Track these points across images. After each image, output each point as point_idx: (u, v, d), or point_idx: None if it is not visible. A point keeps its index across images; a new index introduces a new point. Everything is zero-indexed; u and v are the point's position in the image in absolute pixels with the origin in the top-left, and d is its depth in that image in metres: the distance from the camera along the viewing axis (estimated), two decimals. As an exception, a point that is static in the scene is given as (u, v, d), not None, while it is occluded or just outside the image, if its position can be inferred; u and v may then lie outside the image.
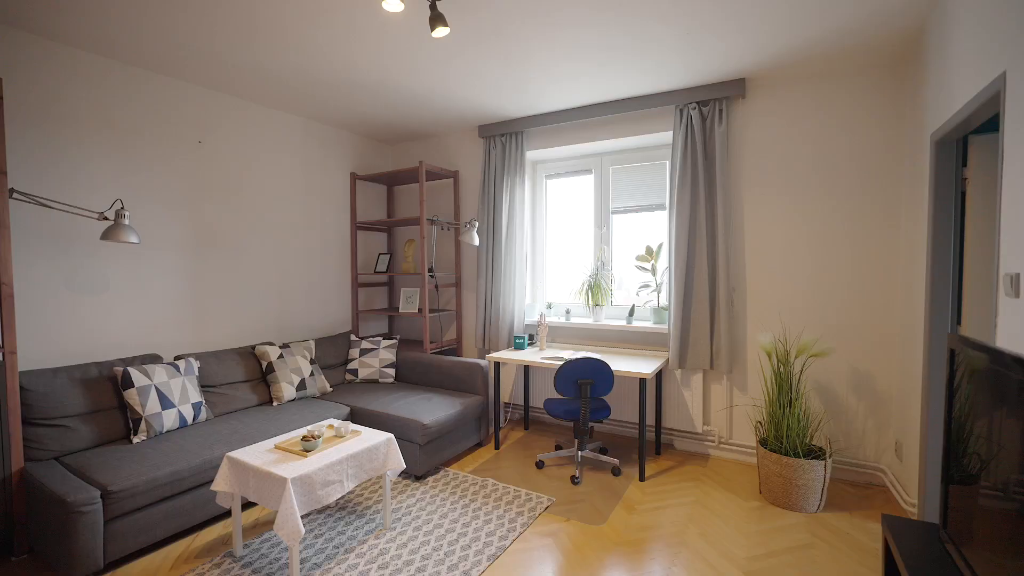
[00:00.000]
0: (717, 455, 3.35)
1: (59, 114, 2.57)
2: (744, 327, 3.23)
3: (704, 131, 3.20)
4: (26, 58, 2.45)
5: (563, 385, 2.92)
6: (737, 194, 3.23)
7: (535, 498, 2.74)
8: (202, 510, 2.37)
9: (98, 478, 2.11)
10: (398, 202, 4.74)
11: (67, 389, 2.44)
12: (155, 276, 2.98)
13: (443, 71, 2.96)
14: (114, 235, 2.45)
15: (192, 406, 2.75)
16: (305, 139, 3.89)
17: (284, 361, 3.31)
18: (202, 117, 3.20)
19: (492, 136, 3.99)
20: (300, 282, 3.88)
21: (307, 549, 2.25)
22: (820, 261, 3.00)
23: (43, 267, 2.53)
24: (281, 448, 2.23)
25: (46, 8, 2.22)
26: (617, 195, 3.86)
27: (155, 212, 2.97)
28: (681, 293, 3.26)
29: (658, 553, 2.24)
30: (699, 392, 3.31)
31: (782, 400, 2.71)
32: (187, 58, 2.75)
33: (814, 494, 2.60)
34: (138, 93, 2.88)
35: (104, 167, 2.74)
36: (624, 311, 3.81)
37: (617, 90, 3.27)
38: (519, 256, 3.89)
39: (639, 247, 3.77)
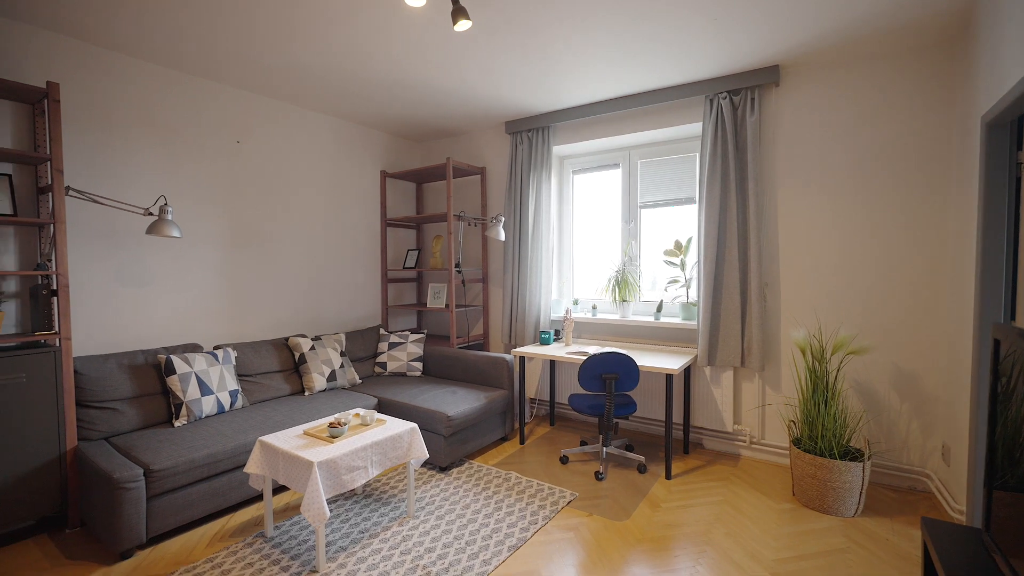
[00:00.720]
0: (748, 455, 3.24)
1: (109, 116, 2.74)
2: (777, 323, 3.11)
3: (735, 121, 3.10)
4: (79, 65, 2.63)
5: (587, 380, 2.90)
6: (770, 186, 3.12)
7: (558, 492, 2.72)
8: (237, 492, 2.48)
9: (142, 458, 2.24)
10: (427, 199, 4.81)
11: (116, 374, 2.60)
12: (195, 270, 3.13)
13: (468, 67, 2.98)
14: (158, 230, 2.59)
15: (229, 393, 2.88)
16: (337, 138, 4.00)
17: (315, 353, 3.42)
18: (240, 118, 3.34)
19: (519, 132, 3.99)
20: (332, 277, 3.99)
21: (333, 533, 2.31)
22: (860, 254, 2.86)
23: (95, 261, 2.70)
24: (309, 434, 2.31)
25: (98, 17, 2.38)
26: (645, 189, 3.79)
27: (196, 209, 3.13)
28: (710, 288, 3.17)
29: (682, 551, 2.19)
30: (729, 390, 3.22)
31: (817, 398, 2.60)
32: (226, 62, 2.88)
33: (851, 497, 2.48)
34: (181, 96, 3.03)
35: (149, 166, 2.90)
36: (652, 307, 3.74)
37: (644, 82, 3.22)
38: (545, 251, 3.88)
39: (667, 242, 3.70)
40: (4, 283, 2.40)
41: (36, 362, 2.25)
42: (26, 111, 2.46)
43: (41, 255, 2.46)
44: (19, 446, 2.20)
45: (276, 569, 2.04)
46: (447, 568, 2.05)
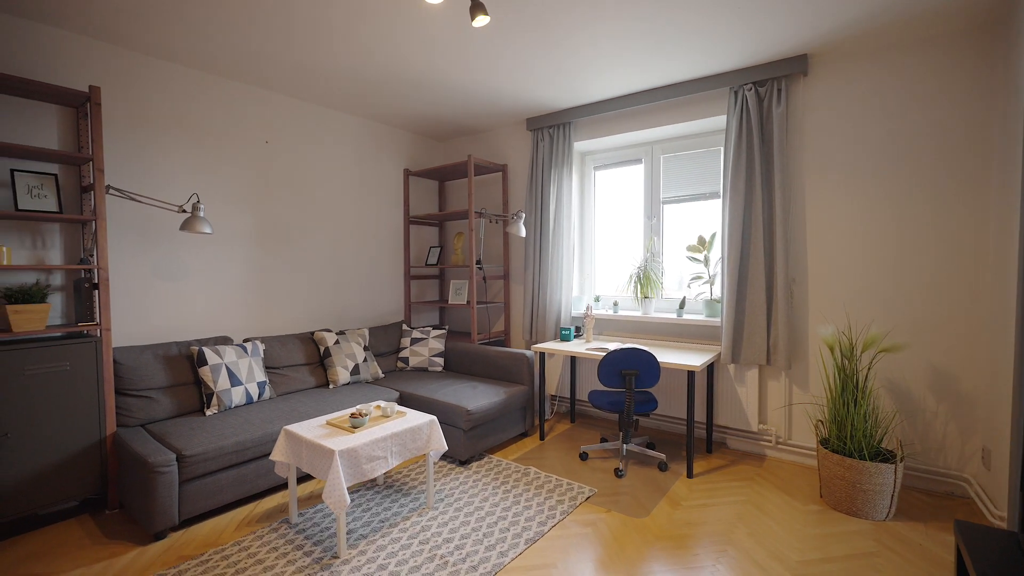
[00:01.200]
0: (774, 456, 3.16)
1: (146, 118, 2.87)
2: (805, 320, 3.02)
3: (761, 113, 3.03)
4: (119, 69, 2.76)
5: (606, 376, 2.88)
6: (797, 179, 3.03)
7: (577, 488, 2.71)
8: (263, 479, 2.56)
9: (175, 444, 2.34)
10: (449, 196, 4.86)
11: (152, 364, 2.72)
12: (226, 265, 3.25)
13: (489, 64, 3.00)
14: (191, 226, 2.70)
15: (257, 385, 2.98)
16: (361, 137, 4.09)
17: (340, 347, 3.50)
18: (269, 119, 3.45)
19: (540, 128, 3.99)
20: (356, 273, 4.08)
21: (355, 521, 2.37)
22: (893, 248, 2.75)
23: (133, 256, 2.83)
24: (332, 424, 2.36)
25: (137, 24, 2.49)
26: (668, 184, 3.74)
27: (227, 207, 3.24)
28: (734, 284, 3.11)
29: (701, 550, 2.16)
30: (754, 388, 3.14)
31: (846, 397, 2.52)
32: (255, 64, 2.98)
33: (882, 500, 2.39)
34: (213, 98, 3.15)
35: (183, 165, 3.03)
36: (674, 304, 3.69)
37: (667, 74, 3.17)
38: (566, 248, 3.87)
39: (691, 237, 3.64)
40: (51, 276, 2.54)
41: (79, 351, 2.38)
42: (71, 114, 2.60)
43: (84, 250, 2.60)
44: (64, 430, 2.33)
45: (299, 554, 2.10)
46: (464, 558, 2.07)
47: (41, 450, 2.27)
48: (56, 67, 2.54)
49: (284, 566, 2.02)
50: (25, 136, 2.45)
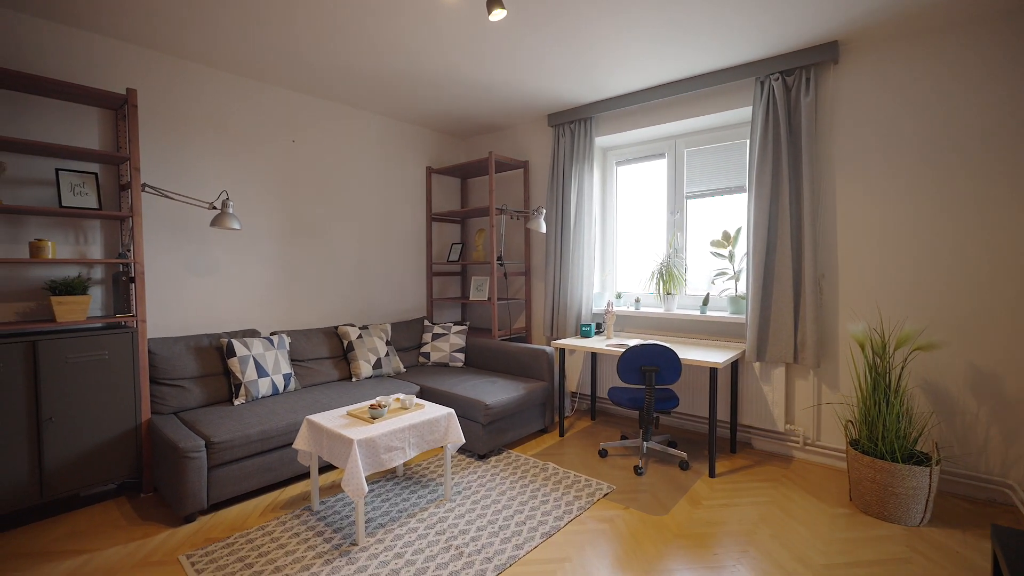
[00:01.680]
0: (802, 457, 3.06)
1: (179, 119, 2.99)
2: (834, 317, 2.92)
3: (788, 103, 2.94)
4: (154, 73, 2.88)
5: (626, 372, 2.84)
6: (827, 170, 2.92)
7: (595, 484, 2.69)
8: (287, 468, 2.64)
9: (204, 431, 2.43)
10: (471, 193, 4.89)
11: (184, 355, 2.83)
12: (254, 261, 3.35)
13: (508, 59, 3.00)
14: (220, 222, 2.80)
15: (283, 376, 3.06)
16: (385, 136, 4.15)
17: (363, 341, 3.57)
18: (295, 119, 3.54)
19: (561, 124, 3.97)
20: (379, 270, 4.15)
21: (374, 511, 2.41)
22: (930, 242, 2.62)
23: (167, 251, 2.96)
24: (352, 415, 2.41)
25: (171, 29, 2.60)
26: (692, 178, 3.66)
27: (255, 205, 3.35)
28: (760, 280, 3.02)
29: (721, 549, 2.11)
30: (781, 388, 3.05)
31: (877, 397, 2.42)
32: (281, 65, 3.06)
33: (915, 504, 2.28)
34: (242, 99, 3.26)
35: (214, 164, 3.14)
36: (698, 301, 3.61)
37: (690, 66, 3.11)
38: (587, 244, 3.84)
39: (715, 233, 3.56)
40: (92, 270, 2.68)
41: (117, 341, 2.50)
42: (110, 116, 2.73)
43: (122, 245, 2.73)
44: (102, 416, 2.45)
45: (320, 540, 2.16)
46: (480, 550, 2.08)
47: (82, 434, 2.39)
48: (95, 71, 2.68)
49: (305, 551, 2.08)
50: (68, 137, 2.59)
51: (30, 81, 2.31)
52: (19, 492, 2.24)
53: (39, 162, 2.51)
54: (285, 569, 1.96)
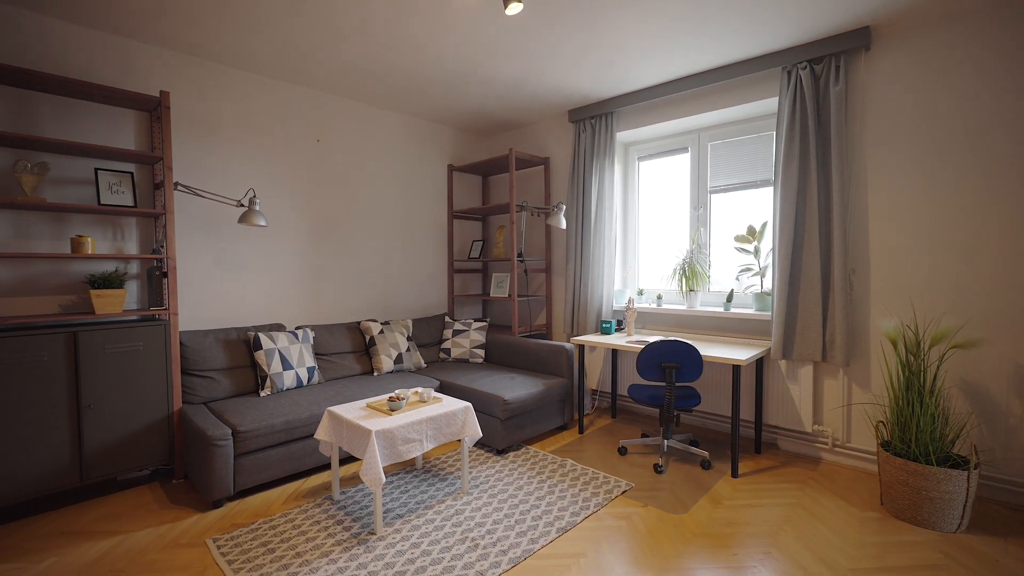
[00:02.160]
0: (831, 459, 2.95)
1: (210, 119, 3.10)
2: (866, 314, 2.81)
3: (816, 93, 2.84)
4: (186, 75, 3.00)
5: (646, 368, 2.80)
6: (858, 161, 2.81)
7: (613, 481, 2.66)
8: (310, 458, 2.70)
9: (231, 420, 2.51)
10: (493, 191, 4.90)
11: (213, 348, 2.94)
12: (281, 257, 3.45)
13: (527, 54, 3.00)
14: (247, 219, 2.89)
15: (307, 369, 3.14)
16: (407, 134, 4.21)
17: (384, 336, 3.62)
18: (320, 118, 3.63)
19: (582, 120, 3.95)
20: (401, 266, 4.21)
21: (392, 502, 2.45)
22: (969, 234, 2.49)
23: (198, 247, 3.07)
24: (371, 407, 2.46)
25: (202, 33, 2.70)
26: (716, 172, 3.58)
27: (281, 203, 3.44)
28: (786, 275, 2.93)
29: (742, 550, 2.05)
30: (808, 387, 2.95)
31: (911, 396, 2.31)
32: (307, 66, 3.14)
33: (952, 510, 2.17)
34: (269, 99, 3.36)
35: (242, 163, 3.25)
36: (721, 297, 3.53)
37: (714, 57, 3.04)
38: (608, 241, 3.80)
39: (740, 228, 3.47)
40: (128, 265, 2.80)
41: (150, 333, 2.61)
42: (145, 118, 2.85)
43: (156, 241, 2.84)
44: (138, 404, 2.56)
45: (339, 528, 2.20)
46: (495, 543, 2.09)
47: (118, 422, 2.51)
48: (131, 75, 2.80)
49: (324, 538, 2.13)
50: (106, 138, 2.72)
51: (72, 85, 2.44)
52: (61, 475, 2.36)
53: (79, 162, 2.64)
54: (305, 555, 2.01)
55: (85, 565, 1.96)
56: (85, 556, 2.02)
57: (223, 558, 1.98)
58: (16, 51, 2.46)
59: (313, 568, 1.92)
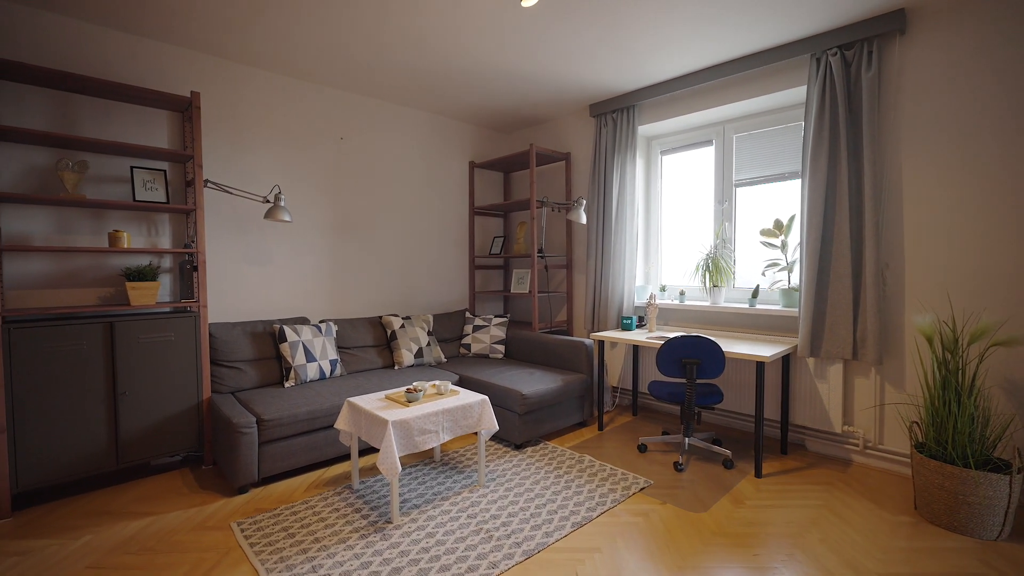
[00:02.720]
0: (861, 461, 2.83)
1: (238, 119, 3.20)
2: (900, 310, 2.68)
3: (847, 80, 2.73)
4: (216, 77, 3.10)
5: (666, 364, 2.75)
6: (892, 151, 2.69)
7: (631, 478, 2.63)
8: (331, 448, 2.76)
9: (256, 409, 2.59)
10: (514, 187, 4.90)
11: (241, 339, 3.03)
12: (305, 253, 3.53)
13: (545, 48, 2.98)
14: (272, 215, 2.98)
15: (330, 362, 3.21)
16: (428, 132, 4.25)
17: (405, 331, 3.67)
18: (343, 116, 3.70)
19: (603, 114, 3.90)
20: (422, 262, 4.25)
21: (409, 492, 2.48)
22: (1014, 226, 2.35)
23: (227, 242, 3.18)
24: (389, 398, 2.49)
25: (232, 36, 2.79)
26: (741, 165, 3.49)
27: (306, 200, 3.53)
28: (814, 270, 2.83)
29: (764, 550, 1.99)
30: (838, 386, 2.84)
31: (947, 396, 2.20)
32: (330, 65, 3.21)
33: (992, 516, 2.06)
34: (294, 99, 3.44)
35: (268, 161, 3.34)
36: (746, 294, 3.44)
37: (739, 45, 2.96)
38: (629, 236, 3.75)
39: (766, 222, 3.37)
40: (162, 259, 2.92)
41: (182, 324, 2.72)
42: (177, 118, 2.97)
43: (187, 236, 2.96)
44: (170, 392, 2.67)
45: (357, 516, 2.24)
46: (509, 535, 2.09)
47: (151, 409, 2.62)
48: (164, 76, 2.92)
49: (343, 525, 2.17)
50: (141, 137, 2.84)
51: (110, 87, 2.56)
52: (98, 458, 2.48)
53: (116, 161, 2.77)
54: (324, 540, 2.05)
55: (119, 543, 2.06)
56: (119, 535, 2.12)
57: (246, 541, 2.05)
58: (59, 55, 2.60)
59: (331, 553, 1.96)
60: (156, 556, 1.96)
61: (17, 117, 2.50)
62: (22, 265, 2.53)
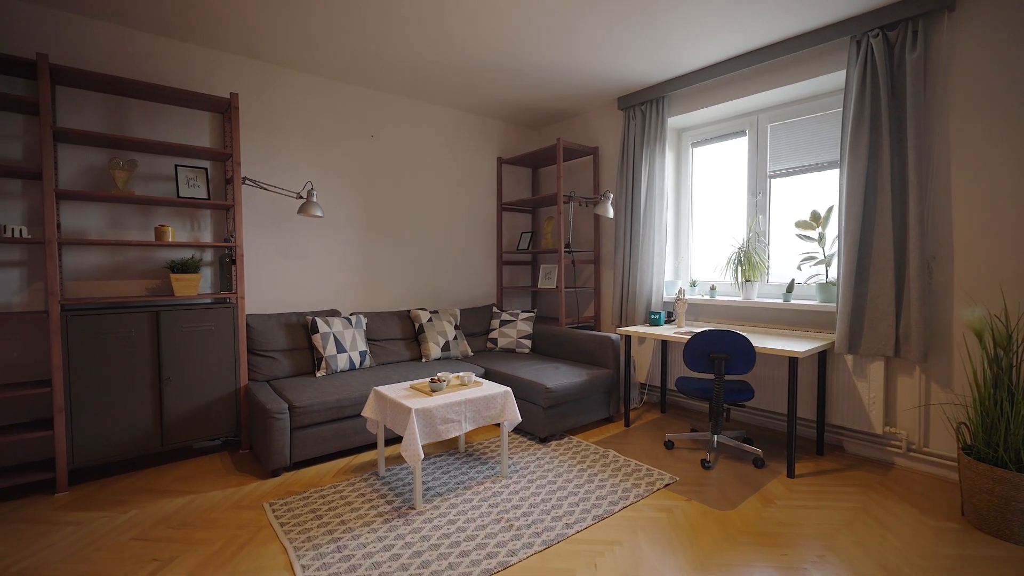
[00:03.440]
0: (905, 465, 2.69)
1: (272, 118, 3.33)
2: (948, 305, 2.53)
3: (890, 62, 2.60)
4: (252, 78, 3.24)
5: (693, 359, 2.69)
6: (939, 137, 2.54)
7: (656, 474, 2.58)
8: (359, 436, 2.84)
9: (289, 396, 2.69)
10: (542, 183, 4.90)
11: (276, 330, 3.16)
12: (337, 248, 3.64)
13: (571, 40, 2.97)
14: (305, 210, 3.08)
15: (359, 353, 3.30)
16: (457, 129, 4.30)
17: (432, 324, 3.73)
18: (373, 115, 3.80)
19: (632, 107, 3.85)
20: (451, 257, 4.31)
21: (433, 481, 2.52)
22: (1077, 214, 2.18)
23: (264, 237, 3.31)
24: (414, 387, 2.54)
25: (266, 39, 2.91)
26: (776, 156, 3.37)
27: (338, 196, 3.64)
28: (853, 263, 2.70)
29: (792, 550, 1.92)
30: (879, 384, 2.70)
31: (999, 395, 2.06)
32: (361, 65, 3.30)
33: (1048, 525, 1.91)
34: (326, 99, 3.56)
35: (302, 159, 3.46)
36: (780, 288, 3.32)
37: (772, 31, 2.86)
38: (658, 230, 3.68)
39: (802, 214, 3.24)
40: (204, 253, 3.08)
41: (221, 315, 2.85)
42: (218, 118, 3.12)
43: (227, 231, 3.10)
44: (210, 379, 2.81)
45: (382, 502, 2.30)
46: (529, 524, 2.09)
47: (193, 394, 2.76)
48: (205, 79, 3.07)
49: (368, 509, 2.23)
50: (185, 137, 3.00)
51: (158, 90, 2.71)
52: (145, 440, 2.64)
53: (162, 160, 2.94)
54: (349, 523, 2.11)
55: (161, 518, 2.18)
56: (162, 510, 2.25)
57: (276, 520, 2.13)
58: (111, 61, 2.78)
59: (355, 535, 2.02)
60: (194, 531, 2.07)
61: (76, 120, 2.69)
62: (78, 257, 2.72)
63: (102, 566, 1.84)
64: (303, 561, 1.85)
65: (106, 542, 2.00)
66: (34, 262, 2.60)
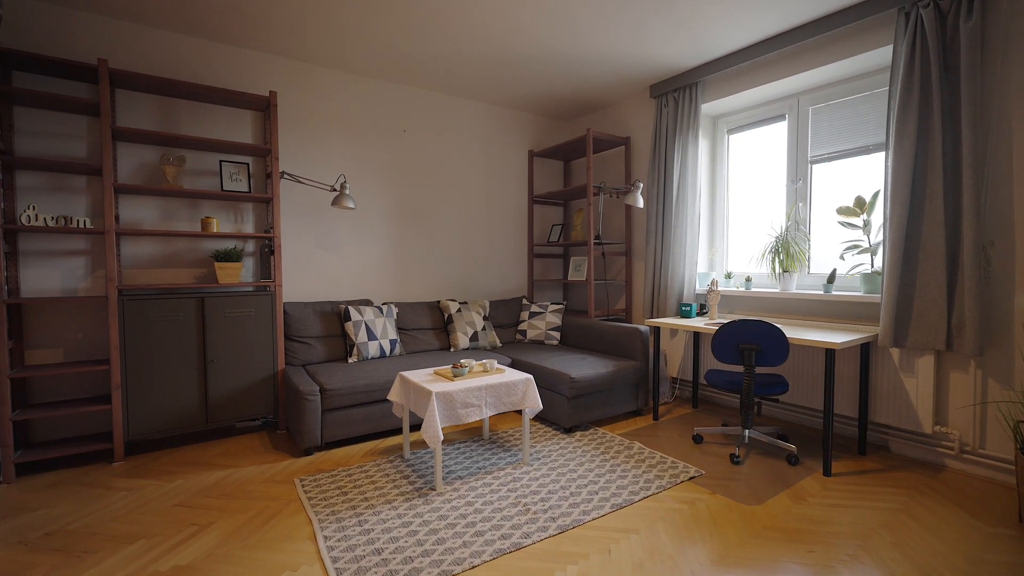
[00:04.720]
0: (957, 467, 2.50)
1: (309, 115, 3.48)
2: (1008, 295, 2.32)
3: (943, 34, 2.41)
4: (289, 77, 3.39)
5: (722, 350, 2.61)
6: (998, 113, 2.33)
7: (682, 467, 2.52)
8: (386, 420, 2.93)
9: (321, 380, 2.81)
10: (574, 175, 4.86)
11: (311, 317, 3.30)
12: (370, 240, 3.76)
13: (608, 30, 2.93)
14: (338, 202, 3.21)
15: (390, 341, 3.40)
16: (487, 122, 4.34)
17: (461, 315, 3.79)
18: (406, 110, 3.89)
19: (664, 94, 3.76)
20: (481, 250, 4.35)
21: (455, 465, 2.56)
22: None
23: (300, 229, 3.47)
24: (437, 373, 2.60)
25: (302, 39, 3.04)
26: (817, 140, 3.20)
27: (370, 189, 3.75)
28: (900, 250, 2.53)
29: (820, 548, 1.83)
30: (928, 380, 2.52)
31: (1062, 392, 1.88)
32: (394, 62, 3.39)
33: (1119, 535, 1.73)
34: (360, 95, 3.67)
35: (337, 153, 3.60)
36: (821, 280, 3.15)
37: (813, 6, 2.72)
38: (691, 221, 3.58)
39: (845, 200, 3.06)
40: (246, 244, 3.26)
41: (261, 302, 3.02)
42: (259, 116, 3.29)
43: (267, 223, 3.27)
44: (250, 362, 2.98)
45: (405, 483, 2.37)
46: (547, 509, 2.10)
47: (235, 376, 2.93)
48: (245, 78, 3.24)
49: (390, 488, 2.30)
50: (228, 134, 3.19)
51: (204, 91, 2.89)
52: (192, 417, 2.83)
53: (207, 156, 3.13)
54: (371, 500, 2.19)
55: (203, 488, 2.34)
56: (204, 481, 2.41)
57: (305, 495, 2.24)
58: (161, 64, 2.98)
59: (376, 511, 2.09)
60: (231, 501, 2.21)
61: (132, 120, 2.91)
62: (135, 247, 2.94)
63: (148, 527, 2.00)
64: (325, 532, 1.93)
65: (153, 507, 2.16)
66: (96, 251, 2.83)
